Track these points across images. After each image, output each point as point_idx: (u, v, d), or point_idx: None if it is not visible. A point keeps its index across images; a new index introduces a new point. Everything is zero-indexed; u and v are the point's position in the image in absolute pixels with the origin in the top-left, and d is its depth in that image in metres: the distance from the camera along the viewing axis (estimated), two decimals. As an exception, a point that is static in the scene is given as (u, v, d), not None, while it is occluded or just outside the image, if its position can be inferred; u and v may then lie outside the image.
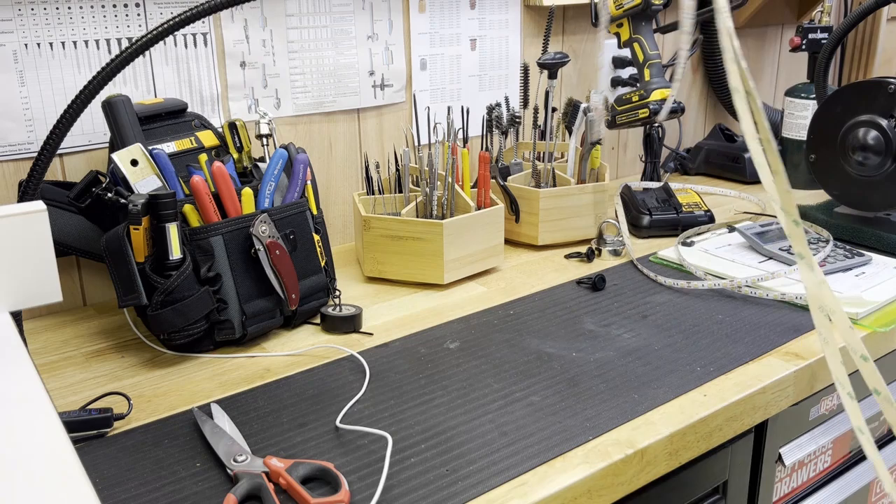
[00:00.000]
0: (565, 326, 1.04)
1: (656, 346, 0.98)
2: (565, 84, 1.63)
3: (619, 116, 1.38)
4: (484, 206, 1.24)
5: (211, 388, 0.91)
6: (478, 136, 1.51)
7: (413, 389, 0.89)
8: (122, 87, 1.14)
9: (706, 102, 1.91)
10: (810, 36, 1.64)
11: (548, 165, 1.37)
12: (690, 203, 1.43)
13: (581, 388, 0.89)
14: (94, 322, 1.10)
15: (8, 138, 1.07)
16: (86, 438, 0.81)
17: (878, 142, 1.28)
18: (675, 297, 1.12)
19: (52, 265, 0.62)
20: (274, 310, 1.02)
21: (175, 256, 0.94)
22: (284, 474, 0.72)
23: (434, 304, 1.13)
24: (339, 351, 0.99)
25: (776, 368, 0.93)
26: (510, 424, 0.82)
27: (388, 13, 1.36)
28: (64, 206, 1.06)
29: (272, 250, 0.99)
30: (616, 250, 1.29)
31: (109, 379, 0.94)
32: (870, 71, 2.08)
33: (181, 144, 1.10)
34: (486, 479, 0.73)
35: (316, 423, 0.83)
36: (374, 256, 1.19)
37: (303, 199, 1.07)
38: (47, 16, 1.06)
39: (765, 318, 1.05)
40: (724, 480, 0.95)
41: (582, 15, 1.61)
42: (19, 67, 1.06)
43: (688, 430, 0.83)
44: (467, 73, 1.48)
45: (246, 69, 1.24)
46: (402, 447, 0.78)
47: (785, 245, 1.25)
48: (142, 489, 0.73)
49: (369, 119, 1.39)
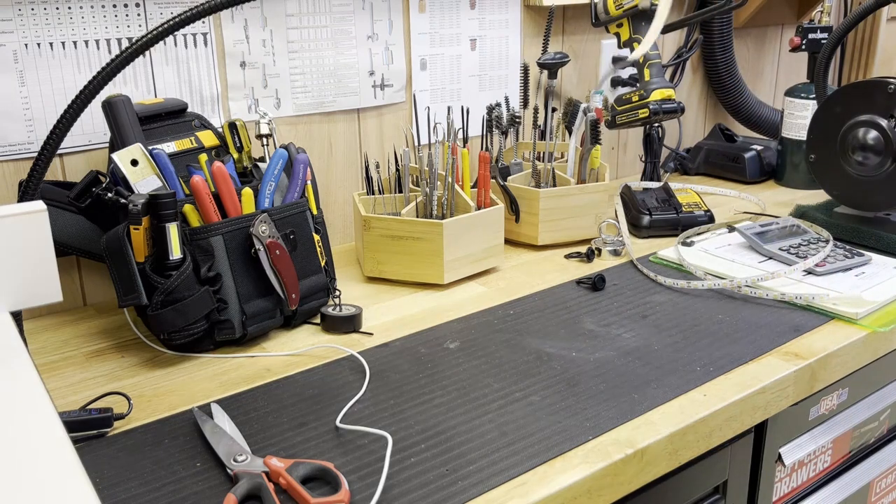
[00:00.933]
0: (565, 326, 1.04)
1: (656, 346, 0.98)
2: (565, 84, 1.63)
3: (619, 116, 1.38)
4: (484, 206, 1.24)
5: (211, 388, 0.91)
6: (478, 136, 1.51)
7: (413, 389, 0.89)
8: (122, 87, 1.14)
9: (706, 102, 1.91)
10: (810, 36, 1.64)
11: (548, 165, 1.37)
12: (690, 203, 1.43)
13: (581, 388, 0.89)
14: (94, 322, 1.10)
15: (8, 138, 1.07)
16: (86, 438, 0.81)
17: (878, 142, 1.28)
18: (675, 297, 1.12)
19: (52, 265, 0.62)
20: (274, 310, 1.02)
21: (175, 256, 0.94)
22: (284, 474, 0.72)
23: (434, 304, 1.13)
24: (339, 351, 0.99)
25: (776, 368, 0.93)
26: (510, 424, 0.82)
27: (388, 13, 1.36)
28: (64, 206, 1.06)
29: (272, 250, 0.99)
30: (616, 250, 1.29)
31: (109, 379, 0.94)
32: (870, 71, 2.08)
33: (181, 144, 1.10)
34: (486, 479, 0.73)
35: (316, 422, 0.83)
36: (374, 256, 1.19)
37: (303, 199, 1.07)
38: (47, 16, 1.06)
39: (765, 318, 1.05)
40: (724, 480, 0.95)
41: (582, 15, 1.61)
42: (19, 67, 1.06)
43: (688, 429, 0.83)
44: (467, 73, 1.48)
45: (246, 69, 1.24)
46: (401, 447, 0.78)
47: (785, 245, 1.25)
48: (142, 489, 0.73)
49: (369, 119, 1.39)
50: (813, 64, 1.67)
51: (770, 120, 1.86)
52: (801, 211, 1.42)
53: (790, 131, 1.67)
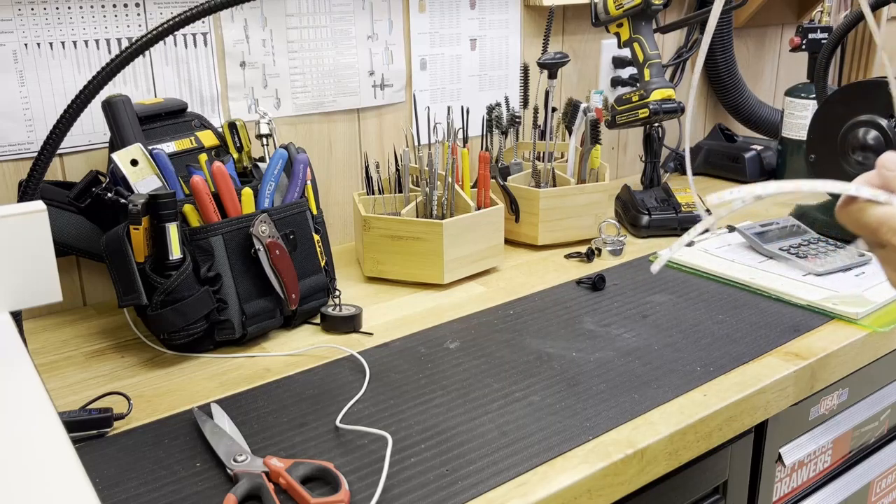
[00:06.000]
0: (565, 326, 1.04)
1: (656, 346, 0.98)
2: (565, 84, 1.63)
3: (619, 116, 1.38)
4: (484, 206, 1.24)
5: (211, 388, 0.91)
6: (478, 136, 1.51)
7: (413, 389, 0.89)
8: (122, 87, 1.14)
9: (706, 102, 1.91)
10: (810, 36, 1.64)
11: (548, 165, 1.37)
12: (690, 203, 1.43)
13: (581, 388, 0.89)
14: (94, 322, 1.10)
15: (8, 138, 1.07)
16: (86, 438, 0.81)
17: (878, 142, 1.28)
18: (675, 297, 1.12)
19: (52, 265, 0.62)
20: (274, 310, 1.02)
21: (175, 256, 0.94)
22: (284, 474, 0.72)
23: (434, 304, 1.13)
24: (339, 351, 0.99)
25: (776, 368, 0.93)
26: (510, 424, 0.82)
27: (388, 13, 1.36)
28: (64, 206, 1.06)
29: (272, 250, 0.99)
30: (616, 250, 1.29)
31: (109, 379, 0.94)
32: (870, 71, 2.08)
33: (181, 144, 1.10)
34: (486, 479, 0.73)
35: (316, 422, 0.83)
36: (374, 256, 1.19)
37: (303, 199, 1.07)
38: (47, 16, 1.06)
39: (765, 318, 1.05)
40: (724, 480, 0.95)
41: (582, 15, 1.61)
42: (19, 67, 1.06)
43: (688, 429, 0.83)
44: (467, 73, 1.48)
45: (246, 69, 1.24)
46: (401, 447, 0.78)
47: (785, 245, 1.25)
48: (142, 489, 0.73)
49: (369, 119, 1.39)
50: (813, 64, 1.67)
51: (770, 120, 1.86)
52: (801, 211, 1.42)
53: (790, 131, 1.67)
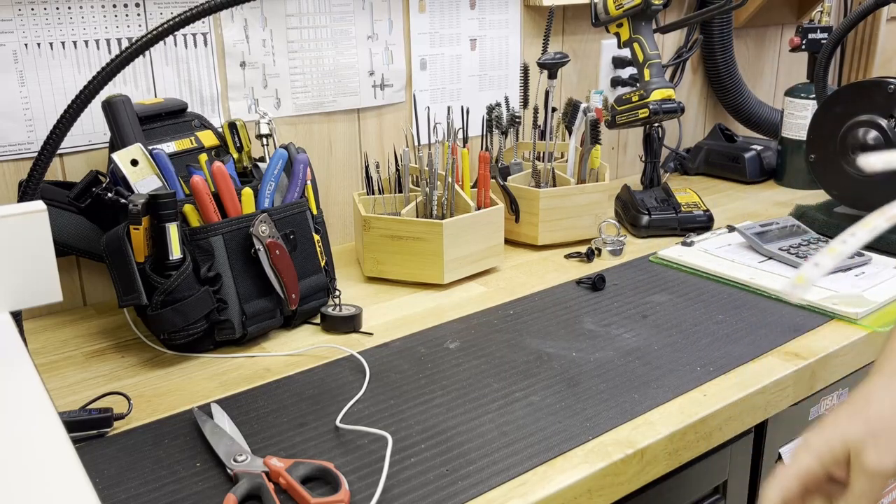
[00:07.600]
0: (565, 326, 1.04)
1: (656, 346, 0.98)
2: (565, 84, 1.63)
3: (619, 116, 1.38)
4: (484, 206, 1.24)
5: (211, 388, 0.91)
6: (478, 136, 1.51)
7: (413, 389, 0.89)
8: (122, 87, 1.14)
9: (706, 102, 1.91)
10: (810, 36, 1.64)
11: (548, 165, 1.37)
12: (689, 203, 1.43)
13: (581, 388, 0.89)
14: (94, 322, 1.10)
15: (8, 138, 1.07)
16: (86, 438, 0.81)
17: (878, 142, 1.28)
18: (675, 297, 1.12)
19: (52, 265, 0.62)
20: (274, 310, 1.02)
21: (175, 256, 0.94)
22: (284, 474, 0.72)
23: (434, 304, 1.13)
24: (339, 351, 0.99)
25: (776, 368, 0.93)
26: (510, 424, 0.82)
27: (388, 13, 1.36)
28: (64, 206, 1.06)
29: (272, 250, 0.99)
30: (616, 250, 1.29)
31: (109, 379, 0.94)
32: (870, 71, 2.08)
33: (181, 144, 1.10)
34: (486, 479, 0.73)
35: (316, 422, 0.83)
36: (374, 256, 1.19)
37: (303, 199, 1.07)
38: (47, 16, 1.06)
39: (765, 318, 1.05)
40: (724, 480, 0.95)
41: (582, 15, 1.61)
42: (19, 67, 1.06)
43: (688, 429, 0.83)
44: (467, 73, 1.48)
45: (246, 69, 1.24)
46: (401, 447, 0.78)
47: (785, 245, 1.25)
48: (142, 489, 0.73)
49: (369, 119, 1.39)
50: (813, 64, 1.67)
51: (770, 120, 1.86)
52: (801, 211, 1.42)
53: (790, 131, 1.67)
